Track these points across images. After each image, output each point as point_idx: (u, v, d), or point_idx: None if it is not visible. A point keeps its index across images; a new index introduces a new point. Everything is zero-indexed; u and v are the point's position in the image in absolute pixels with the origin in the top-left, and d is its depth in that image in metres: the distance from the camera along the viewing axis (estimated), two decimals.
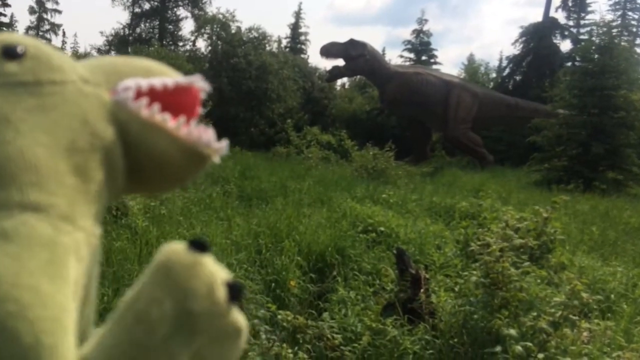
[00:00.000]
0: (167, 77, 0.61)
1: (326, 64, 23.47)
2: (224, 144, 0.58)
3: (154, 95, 0.58)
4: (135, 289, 0.48)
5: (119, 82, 0.58)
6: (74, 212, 0.52)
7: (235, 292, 0.49)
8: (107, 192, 0.57)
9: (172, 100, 0.59)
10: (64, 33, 41.42)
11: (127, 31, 35.90)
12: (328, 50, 21.16)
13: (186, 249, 0.48)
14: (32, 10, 39.30)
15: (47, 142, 0.52)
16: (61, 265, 0.47)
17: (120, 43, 34.94)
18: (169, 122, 0.56)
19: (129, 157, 0.58)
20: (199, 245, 0.49)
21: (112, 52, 35.52)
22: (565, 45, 30.85)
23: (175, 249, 0.48)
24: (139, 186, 0.63)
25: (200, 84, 0.61)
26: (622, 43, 20.17)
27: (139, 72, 0.61)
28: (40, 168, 0.51)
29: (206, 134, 0.57)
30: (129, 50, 28.62)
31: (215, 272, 0.48)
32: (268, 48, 26.21)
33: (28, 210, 0.49)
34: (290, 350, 3.29)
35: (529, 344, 3.20)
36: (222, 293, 0.48)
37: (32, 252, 0.46)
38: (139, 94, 0.57)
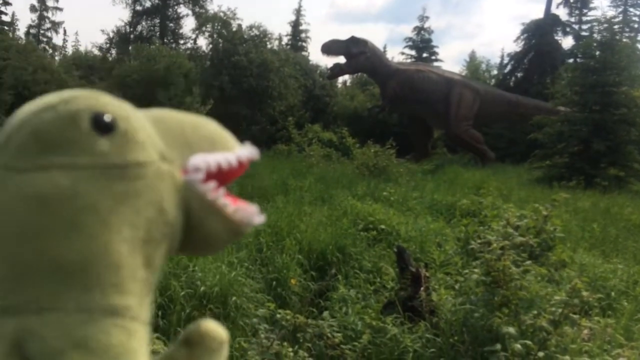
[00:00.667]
0: (228, 147, 0.60)
1: (327, 62, 23.57)
2: (263, 217, 0.59)
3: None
4: None
5: (189, 157, 0.56)
6: (141, 308, 0.52)
7: None
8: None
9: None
10: (64, 31, 41.45)
11: (128, 29, 35.90)
12: (329, 48, 21.13)
13: None
14: (33, 9, 39.33)
15: (129, 237, 0.50)
16: None
17: (121, 41, 34.97)
18: (229, 207, 0.56)
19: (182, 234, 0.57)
20: None
21: (114, 50, 35.59)
22: (567, 42, 30.78)
23: None
24: (177, 252, 0.62)
25: (255, 156, 0.61)
26: (624, 39, 20.12)
27: (206, 143, 0.58)
28: (122, 268, 0.49)
29: (252, 214, 0.58)
30: (130, 48, 28.61)
31: None
32: (269, 46, 26.19)
33: (107, 314, 0.48)
34: (290, 349, 3.30)
35: (529, 342, 3.20)
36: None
37: None
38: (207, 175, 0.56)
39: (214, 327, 0.61)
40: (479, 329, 3.58)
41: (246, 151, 0.60)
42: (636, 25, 31.56)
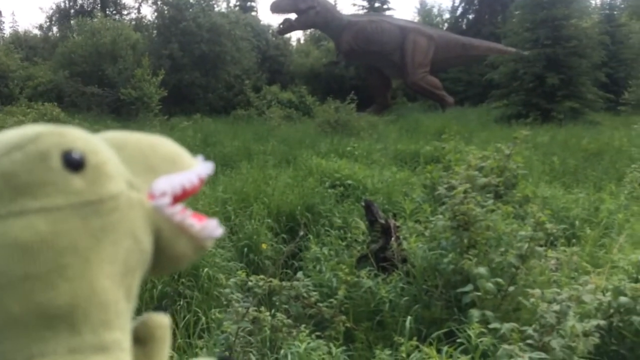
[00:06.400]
0: (187, 165, 0.60)
1: (279, 20, 22.83)
2: (222, 229, 0.60)
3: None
4: None
5: (154, 182, 0.56)
6: (125, 338, 0.53)
7: None
8: None
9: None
10: (0, 13, 39.31)
11: (68, 4, 34.27)
12: (277, 6, 20.71)
13: None
14: None
15: (110, 272, 0.50)
16: None
17: (62, 17, 33.40)
18: (196, 226, 0.57)
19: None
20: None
21: (55, 28, 34.02)
22: None
23: None
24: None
25: (211, 171, 0.62)
26: None
27: (167, 164, 0.59)
28: (108, 304, 0.50)
29: (214, 228, 0.58)
30: (72, 23, 27.37)
31: None
32: (217, 9, 25.41)
33: (99, 351, 0.49)
34: (268, 313, 3.30)
35: (499, 279, 3.28)
36: None
37: None
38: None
39: (158, 318, 0.63)
40: (450, 272, 3.64)
41: (204, 167, 0.61)
42: None
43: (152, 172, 0.57)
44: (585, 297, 2.87)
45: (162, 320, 0.62)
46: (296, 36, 35.99)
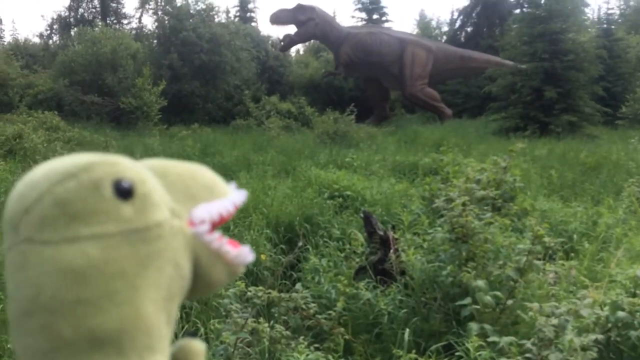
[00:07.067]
0: (224, 193, 0.63)
1: (278, 31, 23.05)
2: (253, 255, 0.63)
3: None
4: None
5: (193, 209, 0.58)
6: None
7: None
8: None
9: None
10: (0, 21, 39.46)
11: (68, 13, 34.40)
12: (277, 17, 20.86)
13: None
14: None
15: (155, 297, 0.53)
16: None
17: (62, 26, 33.52)
18: (232, 252, 0.59)
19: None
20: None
21: (55, 37, 34.13)
22: None
23: None
24: None
25: (245, 198, 0.65)
26: None
27: (206, 193, 0.61)
28: (152, 329, 0.52)
29: (247, 254, 0.61)
30: (72, 33, 27.48)
31: None
32: (217, 19, 25.55)
33: None
34: (267, 325, 3.30)
35: (498, 293, 3.28)
36: None
37: None
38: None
39: (194, 344, 0.66)
40: (449, 285, 3.65)
41: (238, 195, 0.64)
42: None
43: (192, 199, 0.59)
44: (583, 311, 2.88)
45: (198, 347, 0.66)
46: (295, 47, 36.14)
